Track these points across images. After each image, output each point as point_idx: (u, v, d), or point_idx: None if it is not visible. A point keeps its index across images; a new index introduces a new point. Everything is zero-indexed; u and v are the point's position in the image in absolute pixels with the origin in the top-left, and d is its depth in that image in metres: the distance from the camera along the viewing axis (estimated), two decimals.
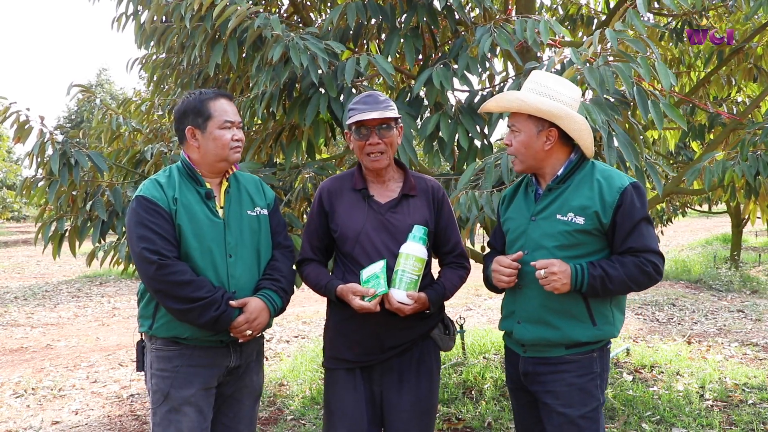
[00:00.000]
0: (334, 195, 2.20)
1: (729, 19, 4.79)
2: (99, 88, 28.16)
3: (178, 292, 1.97)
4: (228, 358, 2.15)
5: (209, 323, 2.01)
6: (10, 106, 3.09)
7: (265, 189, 2.30)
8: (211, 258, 2.07)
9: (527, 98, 1.94)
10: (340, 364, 2.19)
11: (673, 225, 13.26)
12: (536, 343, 2.01)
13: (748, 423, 3.59)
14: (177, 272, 1.98)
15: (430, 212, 2.18)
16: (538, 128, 1.97)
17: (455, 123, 3.03)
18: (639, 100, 2.48)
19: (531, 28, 2.88)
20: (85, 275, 11.45)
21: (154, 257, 1.97)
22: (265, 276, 2.20)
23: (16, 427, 3.94)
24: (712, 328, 6.29)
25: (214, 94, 2.12)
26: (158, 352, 2.11)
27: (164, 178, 2.11)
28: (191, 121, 2.11)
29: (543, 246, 1.97)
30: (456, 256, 2.25)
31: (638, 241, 1.90)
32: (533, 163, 2.02)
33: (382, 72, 2.87)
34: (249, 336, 2.10)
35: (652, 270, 1.89)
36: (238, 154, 2.15)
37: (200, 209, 2.09)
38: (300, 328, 6.81)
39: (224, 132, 2.10)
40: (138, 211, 2.02)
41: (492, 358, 5.06)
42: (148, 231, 1.99)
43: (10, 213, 26.49)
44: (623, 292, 1.95)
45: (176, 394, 2.06)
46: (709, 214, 13.56)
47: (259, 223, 2.20)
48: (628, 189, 1.92)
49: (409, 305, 2.04)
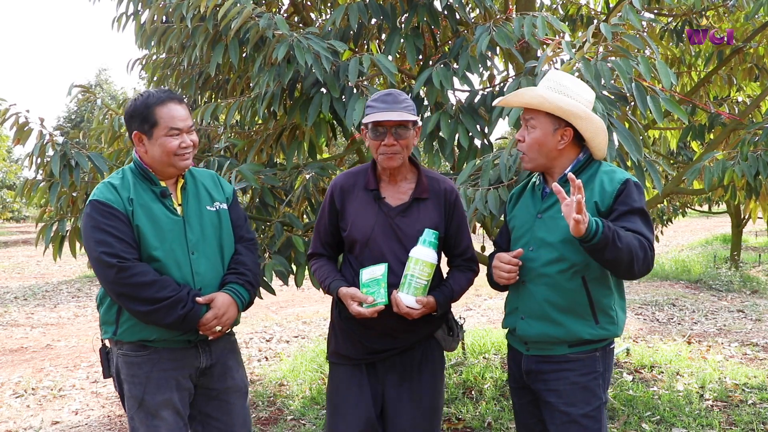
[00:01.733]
0: (346, 193, 2.19)
1: (729, 18, 4.79)
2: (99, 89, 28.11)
3: (141, 293, 1.94)
4: (198, 358, 2.12)
5: (177, 322, 1.98)
6: (10, 108, 3.09)
7: (223, 183, 2.27)
8: (173, 256, 2.04)
9: (549, 96, 1.93)
10: (344, 360, 2.19)
11: (673, 225, 13.25)
12: (539, 340, 2.01)
13: (748, 423, 3.59)
14: (138, 273, 1.95)
15: (441, 216, 2.15)
16: (554, 126, 1.96)
17: (455, 122, 3.03)
18: (638, 95, 2.47)
19: (529, 25, 2.88)
20: (85, 275, 11.45)
21: (113, 260, 1.93)
22: (230, 270, 2.17)
23: (16, 427, 3.94)
24: (712, 328, 6.30)
25: (163, 98, 2.04)
26: (126, 358, 2.07)
27: (117, 180, 2.06)
28: (137, 126, 2.05)
29: (548, 243, 1.98)
30: (466, 260, 2.24)
31: (634, 226, 1.86)
32: (544, 162, 2.01)
33: (385, 71, 2.87)
34: (218, 332, 2.08)
35: (648, 248, 1.85)
36: (187, 160, 2.09)
37: (157, 208, 2.06)
38: (300, 328, 6.81)
39: (170, 139, 2.03)
40: (93, 216, 1.98)
41: (492, 358, 5.06)
42: (105, 234, 1.95)
43: (10, 213, 26.47)
44: (624, 260, 1.81)
45: (151, 399, 2.04)
46: (709, 214, 13.57)
47: (220, 218, 2.17)
48: (629, 181, 1.93)
49: (418, 310, 2.04)
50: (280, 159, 3.73)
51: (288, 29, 2.87)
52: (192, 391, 2.15)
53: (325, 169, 3.37)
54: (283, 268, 2.95)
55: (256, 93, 3.19)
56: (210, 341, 2.14)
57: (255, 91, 3.21)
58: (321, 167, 3.36)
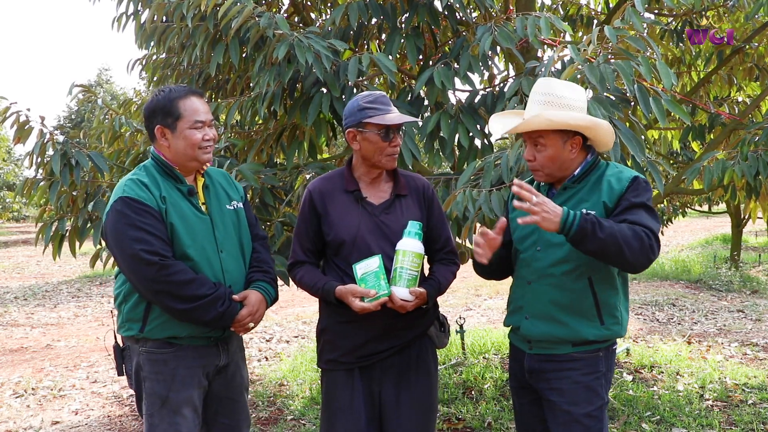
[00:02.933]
0: (326, 196, 2.18)
1: (729, 18, 4.79)
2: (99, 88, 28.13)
3: (181, 291, 1.96)
4: (218, 356, 2.15)
5: (215, 319, 2.01)
6: (11, 106, 3.09)
7: (235, 183, 2.31)
8: (205, 255, 2.06)
9: (553, 116, 1.93)
10: (339, 366, 2.18)
11: (673, 225, 13.26)
12: (543, 340, 2.01)
13: (748, 423, 3.59)
14: (179, 272, 1.96)
15: (422, 211, 2.19)
16: (564, 140, 1.96)
17: (456, 122, 3.03)
18: (640, 96, 2.49)
19: (532, 25, 2.88)
20: (85, 275, 11.45)
21: (154, 258, 1.93)
22: (254, 268, 2.20)
23: (16, 427, 3.94)
24: (712, 328, 6.29)
25: (185, 92, 2.06)
26: (151, 355, 2.07)
27: (145, 177, 2.05)
28: (160, 120, 2.05)
29: (554, 243, 1.97)
30: (447, 253, 2.26)
31: (636, 217, 1.85)
32: (559, 173, 2.01)
33: (385, 70, 2.87)
34: (250, 329, 2.12)
35: (645, 238, 1.81)
36: (209, 154, 2.11)
37: (186, 206, 2.07)
38: (300, 328, 6.81)
39: (194, 132, 2.05)
40: (126, 212, 1.95)
41: (492, 358, 5.06)
42: (142, 232, 1.94)
43: (10, 213, 26.47)
44: (610, 251, 1.80)
45: (176, 397, 2.05)
46: (709, 214, 13.57)
47: (238, 217, 2.21)
48: (637, 178, 1.94)
49: (412, 302, 2.05)
50: (281, 159, 3.73)
51: (289, 29, 2.87)
52: (206, 390, 2.17)
53: (326, 169, 3.37)
54: (284, 268, 2.95)
55: (256, 93, 3.19)
56: (227, 340, 2.18)
57: (255, 91, 3.21)
58: (321, 167, 3.36)
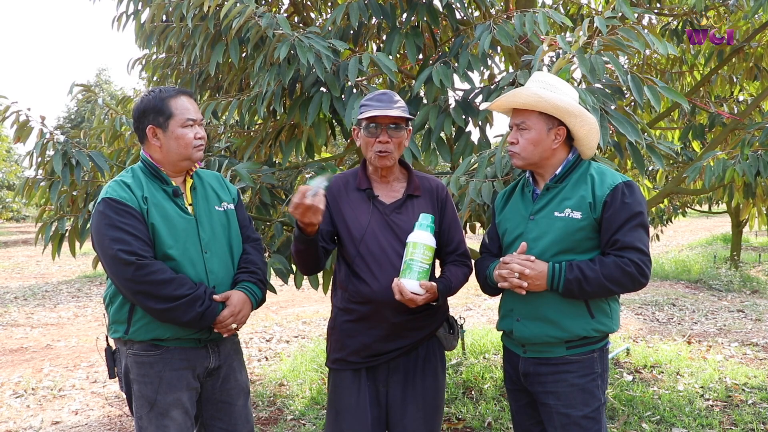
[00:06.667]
0: (338, 194, 2.18)
1: (729, 18, 4.79)
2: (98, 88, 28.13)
3: (159, 291, 1.94)
4: (207, 358, 2.14)
5: (194, 320, 1.99)
6: (11, 106, 3.09)
7: (228, 184, 2.31)
8: (188, 255, 2.06)
9: (544, 94, 1.92)
10: (346, 366, 2.17)
11: (673, 225, 13.26)
12: (536, 341, 2.00)
13: (748, 423, 3.59)
14: (156, 271, 1.95)
15: (435, 212, 2.17)
16: (548, 126, 1.96)
17: (445, 114, 3.03)
18: (633, 85, 2.47)
19: (530, 22, 2.87)
20: (85, 275, 11.45)
21: (131, 258, 1.93)
22: (242, 269, 2.20)
23: (16, 427, 3.94)
24: (712, 328, 6.29)
25: (175, 92, 2.09)
26: (137, 358, 2.06)
27: (129, 178, 2.06)
28: (152, 120, 2.07)
29: (541, 245, 1.97)
30: (459, 255, 2.24)
31: (625, 236, 1.87)
32: (537, 161, 2.00)
33: (385, 69, 2.87)
34: (233, 330, 2.10)
35: (634, 271, 1.86)
36: (201, 152, 2.13)
37: (170, 207, 2.07)
38: (300, 328, 6.81)
39: (186, 130, 2.07)
40: (107, 213, 1.97)
41: (492, 358, 5.06)
42: (121, 232, 1.95)
43: (10, 213, 26.47)
44: (604, 294, 1.91)
45: (163, 399, 2.04)
46: (709, 214, 13.55)
47: (228, 218, 2.21)
48: (619, 186, 1.91)
49: (422, 295, 2.00)
50: (279, 158, 3.73)
51: (290, 29, 2.87)
52: (198, 391, 2.16)
53: (325, 168, 3.37)
54: (283, 267, 2.95)
55: (255, 92, 3.19)
56: (218, 342, 2.16)
57: (255, 90, 3.21)
58: (321, 167, 3.36)
